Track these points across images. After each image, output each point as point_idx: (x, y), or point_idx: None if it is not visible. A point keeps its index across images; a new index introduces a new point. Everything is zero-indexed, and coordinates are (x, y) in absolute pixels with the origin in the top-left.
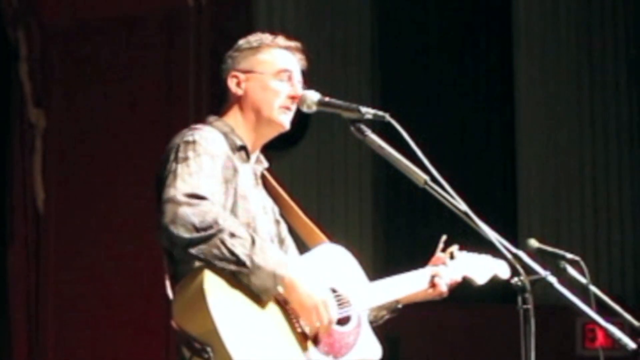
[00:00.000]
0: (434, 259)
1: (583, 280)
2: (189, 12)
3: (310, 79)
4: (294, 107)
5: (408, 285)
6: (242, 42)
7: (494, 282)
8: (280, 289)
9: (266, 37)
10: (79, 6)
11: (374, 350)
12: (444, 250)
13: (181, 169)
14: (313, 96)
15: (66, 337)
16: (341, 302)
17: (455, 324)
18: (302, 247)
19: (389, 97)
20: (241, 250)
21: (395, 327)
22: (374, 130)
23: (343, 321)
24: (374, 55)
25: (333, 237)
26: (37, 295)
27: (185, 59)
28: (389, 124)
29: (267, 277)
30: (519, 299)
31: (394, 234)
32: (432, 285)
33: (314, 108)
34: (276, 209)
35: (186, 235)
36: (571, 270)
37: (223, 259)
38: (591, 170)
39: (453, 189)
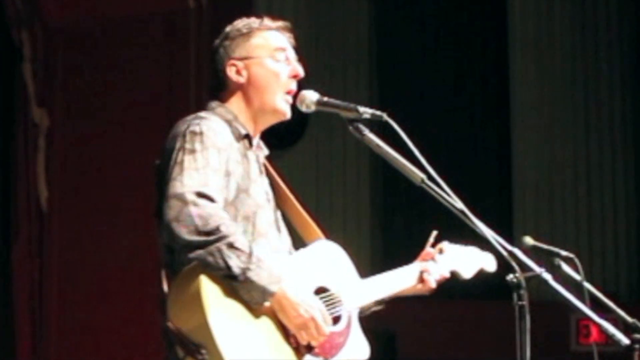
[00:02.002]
0: (423, 254)
1: (577, 277)
2: (190, 14)
3: (308, 79)
4: (294, 87)
5: (397, 282)
6: (229, 29)
7: (482, 275)
8: (267, 304)
9: (253, 21)
10: (82, 8)
11: (362, 350)
12: (433, 245)
13: (188, 162)
14: (312, 96)
15: (69, 333)
16: (332, 302)
17: (451, 320)
18: (296, 237)
19: (386, 97)
20: (236, 263)
21: (391, 323)
22: (371, 130)
23: (334, 321)
24: (371, 56)
25: (331, 234)
26: (40, 292)
27: (186, 60)
28: (386, 123)
29: (256, 292)
30: (514, 296)
31: (391, 231)
32: (421, 281)
33: (313, 108)
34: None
35: (187, 236)
36: (565, 268)
37: (217, 268)
38: (585, 168)
39: (449, 187)
